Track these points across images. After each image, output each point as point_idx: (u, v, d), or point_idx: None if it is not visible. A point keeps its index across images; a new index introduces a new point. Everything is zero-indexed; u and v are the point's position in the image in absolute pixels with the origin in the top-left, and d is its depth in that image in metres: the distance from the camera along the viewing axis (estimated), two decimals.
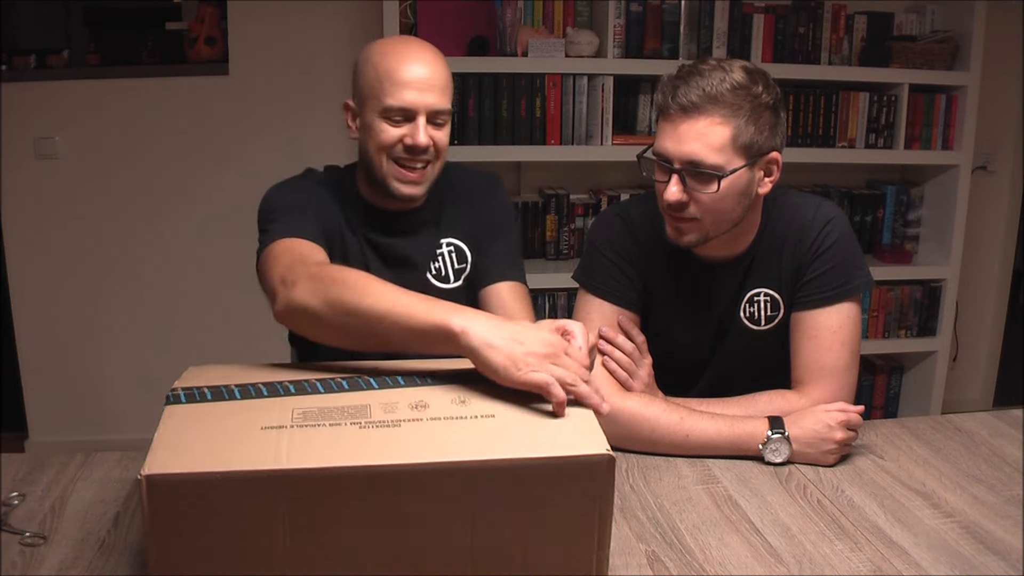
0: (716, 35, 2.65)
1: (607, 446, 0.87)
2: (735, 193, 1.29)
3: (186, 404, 0.95)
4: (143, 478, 0.80)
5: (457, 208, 1.49)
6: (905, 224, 2.96)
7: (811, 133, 2.76)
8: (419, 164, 1.35)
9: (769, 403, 1.36)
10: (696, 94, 1.24)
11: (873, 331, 2.93)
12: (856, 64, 2.79)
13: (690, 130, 1.25)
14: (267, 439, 0.87)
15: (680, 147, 1.26)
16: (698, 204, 1.29)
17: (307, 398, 0.96)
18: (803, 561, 1.06)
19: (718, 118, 1.24)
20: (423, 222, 1.46)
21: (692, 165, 1.26)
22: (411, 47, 1.34)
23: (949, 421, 1.48)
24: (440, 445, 0.88)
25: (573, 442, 0.89)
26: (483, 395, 0.97)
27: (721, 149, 1.25)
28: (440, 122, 1.35)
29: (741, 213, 1.33)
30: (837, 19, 2.75)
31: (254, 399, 0.96)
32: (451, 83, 1.37)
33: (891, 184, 2.95)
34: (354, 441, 0.87)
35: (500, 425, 0.91)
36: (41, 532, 1.08)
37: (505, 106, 2.56)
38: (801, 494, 1.22)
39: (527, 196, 2.81)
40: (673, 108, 1.26)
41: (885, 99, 2.77)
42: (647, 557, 1.07)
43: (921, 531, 1.12)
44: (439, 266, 1.46)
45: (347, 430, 0.89)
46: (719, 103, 1.24)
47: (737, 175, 1.27)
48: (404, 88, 1.30)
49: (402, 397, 0.96)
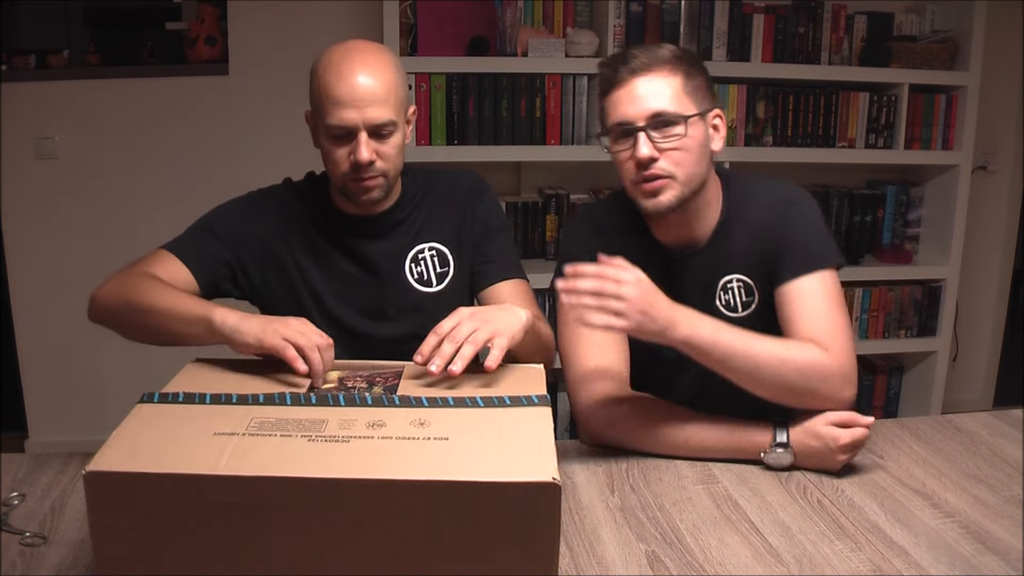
0: (716, 35, 2.65)
1: (554, 473, 0.84)
2: (697, 145, 1.33)
3: (157, 404, 0.99)
4: (85, 474, 0.82)
5: (441, 212, 1.48)
6: (905, 224, 2.96)
7: (811, 133, 2.77)
8: (368, 178, 1.35)
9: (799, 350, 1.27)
10: (642, 59, 1.32)
11: (873, 331, 2.93)
12: (856, 64, 2.79)
13: (646, 88, 1.31)
14: (215, 445, 0.88)
15: (639, 105, 1.31)
16: (668, 157, 1.32)
17: (271, 408, 0.98)
18: (803, 561, 1.06)
19: (666, 72, 1.32)
20: (396, 223, 1.46)
21: (655, 117, 1.30)
22: (350, 59, 1.31)
23: (949, 421, 1.48)
24: (380, 462, 0.87)
25: (520, 467, 0.87)
26: (445, 420, 0.97)
27: (677, 97, 1.31)
28: (385, 133, 1.33)
29: (706, 170, 1.37)
30: (837, 19, 2.75)
31: (222, 405, 0.99)
32: (398, 90, 1.33)
33: (891, 184, 2.95)
34: (297, 453, 0.88)
35: (451, 447, 0.91)
36: (41, 532, 1.08)
37: (505, 106, 2.57)
38: (801, 494, 1.22)
39: (527, 196, 2.81)
40: (624, 73, 1.32)
41: (885, 99, 2.77)
42: (647, 557, 1.07)
43: (921, 531, 1.12)
44: (421, 270, 1.46)
45: (295, 442, 0.90)
46: (663, 62, 1.32)
47: (695, 124, 1.33)
48: (340, 107, 1.29)
49: (362, 415, 0.97)
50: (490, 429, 0.95)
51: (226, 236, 1.41)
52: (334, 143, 1.33)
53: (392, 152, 1.35)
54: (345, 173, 1.34)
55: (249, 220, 1.43)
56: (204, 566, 0.85)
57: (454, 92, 2.55)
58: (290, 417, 0.95)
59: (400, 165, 1.40)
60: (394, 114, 1.32)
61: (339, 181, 1.37)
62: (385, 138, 1.33)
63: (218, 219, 1.44)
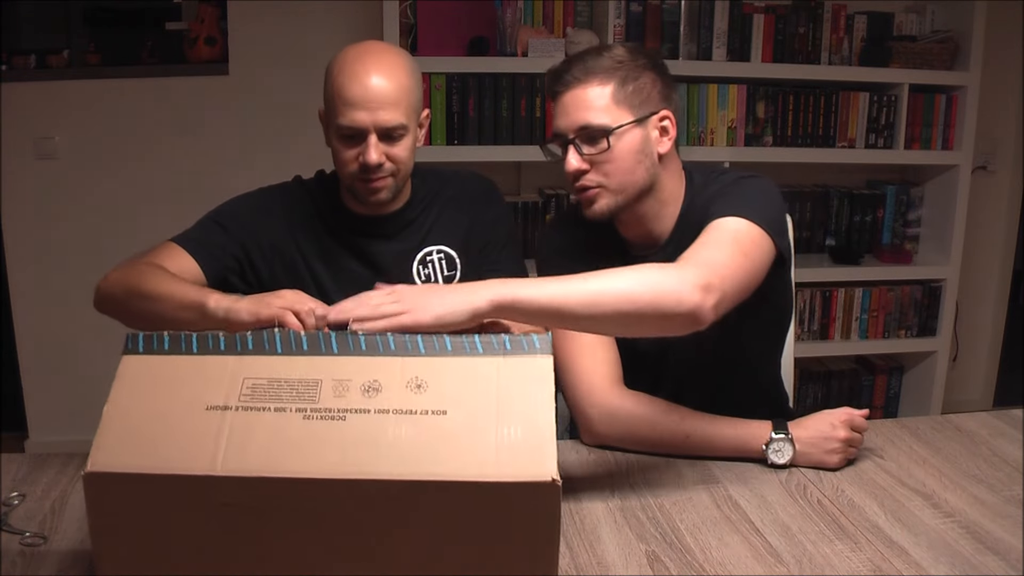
0: (716, 35, 2.65)
1: (554, 473, 0.83)
2: (632, 152, 1.32)
3: (143, 355, 0.94)
4: (84, 475, 0.82)
5: (450, 215, 1.49)
6: (905, 224, 2.97)
7: (811, 133, 2.77)
8: (377, 179, 1.35)
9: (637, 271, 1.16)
10: (576, 71, 1.31)
11: (873, 331, 2.94)
12: (856, 64, 2.79)
13: (574, 100, 1.31)
14: (209, 426, 0.86)
15: (569, 118, 1.32)
16: (597, 169, 1.33)
17: (260, 360, 0.93)
18: (803, 561, 1.06)
19: (595, 83, 1.31)
20: (405, 225, 1.46)
21: (582, 130, 1.31)
22: (364, 61, 1.31)
23: (949, 421, 1.48)
24: (379, 455, 0.85)
25: (520, 465, 0.85)
26: (442, 379, 0.92)
27: (605, 109, 1.30)
28: (395, 136, 1.33)
29: (645, 175, 1.34)
30: (837, 19, 2.75)
31: (210, 355, 0.94)
32: (410, 94, 1.34)
33: (891, 184, 2.95)
34: (294, 441, 0.86)
35: (449, 428, 0.88)
36: (41, 532, 1.08)
37: (505, 106, 2.57)
38: (801, 494, 1.22)
39: (527, 196, 2.81)
40: (559, 87, 1.33)
41: (885, 99, 2.77)
42: (647, 557, 1.07)
43: (921, 531, 1.12)
44: (428, 272, 1.47)
45: (291, 421, 0.87)
46: (596, 71, 1.31)
47: (627, 132, 1.31)
48: (352, 108, 1.30)
49: (357, 373, 0.92)
50: (489, 402, 0.90)
51: (235, 230, 1.41)
52: (344, 143, 1.34)
53: (402, 155, 1.35)
54: (353, 173, 1.35)
55: (259, 215, 1.43)
56: (204, 565, 0.85)
57: (454, 92, 2.55)
58: (282, 378, 0.91)
59: (410, 167, 1.40)
60: (405, 117, 1.33)
61: (347, 181, 1.38)
62: (395, 141, 1.34)
63: (228, 213, 1.44)
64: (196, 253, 1.37)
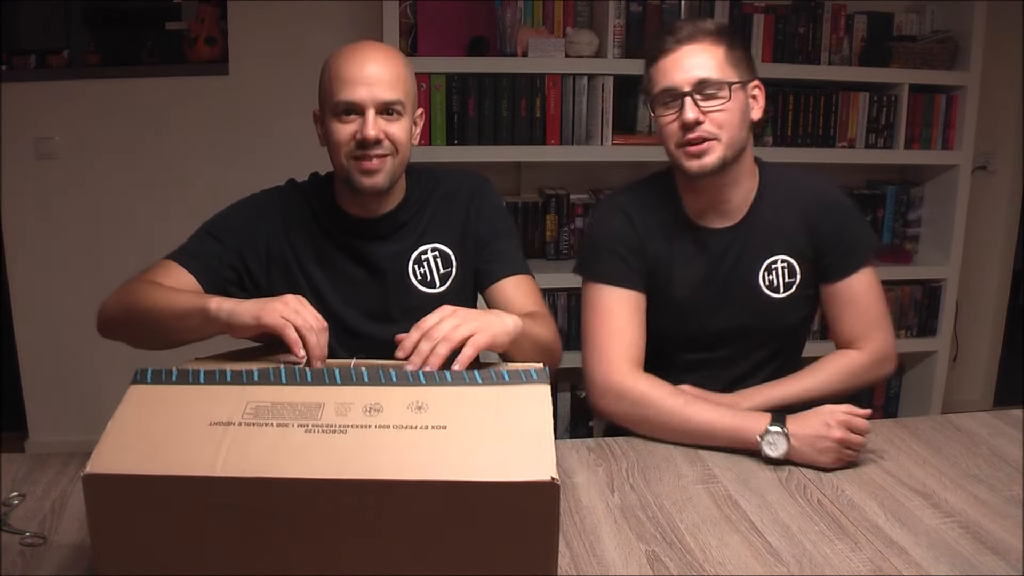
0: None
1: (553, 472, 0.84)
2: (740, 110, 1.41)
3: (151, 385, 0.96)
4: (84, 476, 0.82)
5: (445, 213, 1.48)
6: (905, 224, 2.96)
7: (811, 133, 2.77)
8: (374, 157, 1.35)
9: (834, 363, 1.49)
10: (688, 30, 1.40)
11: None
12: (856, 64, 2.79)
13: (692, 56, 1.39)
14: (211, 438, 0.87)
15: (687, 73, 1.38)
16: (712, 120, 1.39)
17: (265, 388, 0.95)
18: (803, 561, 1.06)
19: (710, 43, 1.39)
20: (400, 225, 1.46)
21: (701, 84, 1.37)
22: (361, 48, 1.35)
23: (949, 421, 1.48)
24: (379, 459, 0.86)
25: (519, 466, 0.86)
26: (443, 403, 0.95)
27: (721, 66, 1.39)
28: (393, 114, 1.34)
29: (747, 135, 1.44)
30: (837, 19, 2.75)
31: (216, 385, 0.96)
32: (406, 78, 1.36)
33: (891, 184, 2.95)
34: (295, 449, 0.87)
35: (449, 439, 0.89)
36: (41, 532, 1.08)
37: (505, 106, 2.57)
38: (801, 494, 1.22)
39: (527, 196, 2.81)
40: (671, 43, 1.40)
41: (885, 99, 2.77)
42: (647, 557, 1.07)
43: (921, 531, 1.12)
44: (424, 271, 1.47)
45: (292, 433, 0.88)
46: (708, 33, 1.40)
47: (737, 92, 1.40)
48: (350, 84, 1.31)
49: (359, 397, 0.94)
50: (488, 416, 0.93)
51: (230, 240, 1.41)
52: (341, 122, 1.33)
53: (399, 135, 1.35)
54: (350, 151, 1.34)
55: (252, 222, 1.43)
56: (203, 566, 0.85)
57: (454, 92, 2.55)
58: (286, 400, 0.93)
59: (407, 155, 1.39)
60: (403, 96, 1.34)
61: (344, 163, 1.36)
62: (394, 119, 1.34)
63: (221, 223, 1.44)
64: (193, 267, 1.37)
